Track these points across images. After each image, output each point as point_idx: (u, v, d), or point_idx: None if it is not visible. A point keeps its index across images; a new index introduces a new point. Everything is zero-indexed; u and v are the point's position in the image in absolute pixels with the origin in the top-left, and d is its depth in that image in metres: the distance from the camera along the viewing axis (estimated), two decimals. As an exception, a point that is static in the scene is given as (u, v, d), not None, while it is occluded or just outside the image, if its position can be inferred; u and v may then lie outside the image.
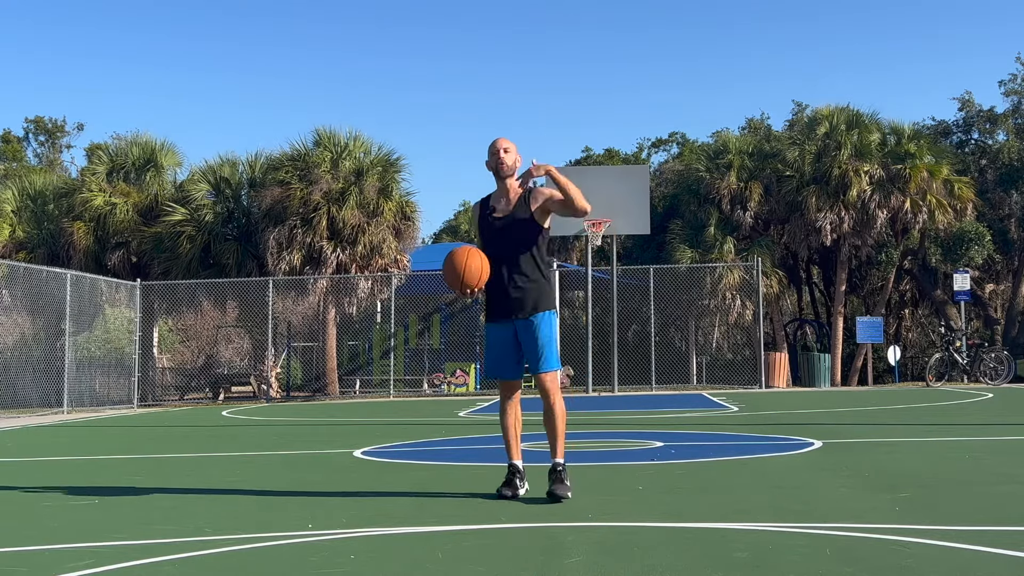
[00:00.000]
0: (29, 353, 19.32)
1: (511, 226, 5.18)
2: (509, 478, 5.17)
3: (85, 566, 3.70)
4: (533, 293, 5.17)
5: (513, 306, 5.16)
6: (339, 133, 21.89)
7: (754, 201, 24.66)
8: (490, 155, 5.29)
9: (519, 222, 5.17)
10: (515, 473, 5.18)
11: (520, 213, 5.19)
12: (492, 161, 5.28)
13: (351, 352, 24.45)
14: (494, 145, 5.28)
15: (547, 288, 5.24)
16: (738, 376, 23.83)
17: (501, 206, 5.25)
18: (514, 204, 5.22)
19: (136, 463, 7.84)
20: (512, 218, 5.19)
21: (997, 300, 32.02)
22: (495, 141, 5.29)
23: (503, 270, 5.17)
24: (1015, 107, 29.40)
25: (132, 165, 23.60)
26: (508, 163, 5.24)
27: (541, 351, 5.14)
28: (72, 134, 44.33)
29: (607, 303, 20.66)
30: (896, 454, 7.02)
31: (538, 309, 5.17)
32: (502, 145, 5.25)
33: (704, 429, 9.74)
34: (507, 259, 5.17)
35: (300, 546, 4.03)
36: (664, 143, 40.31)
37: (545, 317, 5.18)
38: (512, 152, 5.26)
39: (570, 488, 5.02)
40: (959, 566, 3.37)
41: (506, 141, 5.28)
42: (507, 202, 5.24)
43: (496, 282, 5.19)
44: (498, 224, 5.22)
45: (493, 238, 5.22)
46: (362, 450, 8.06)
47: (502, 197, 5.27)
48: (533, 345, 5.16)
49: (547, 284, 5.26)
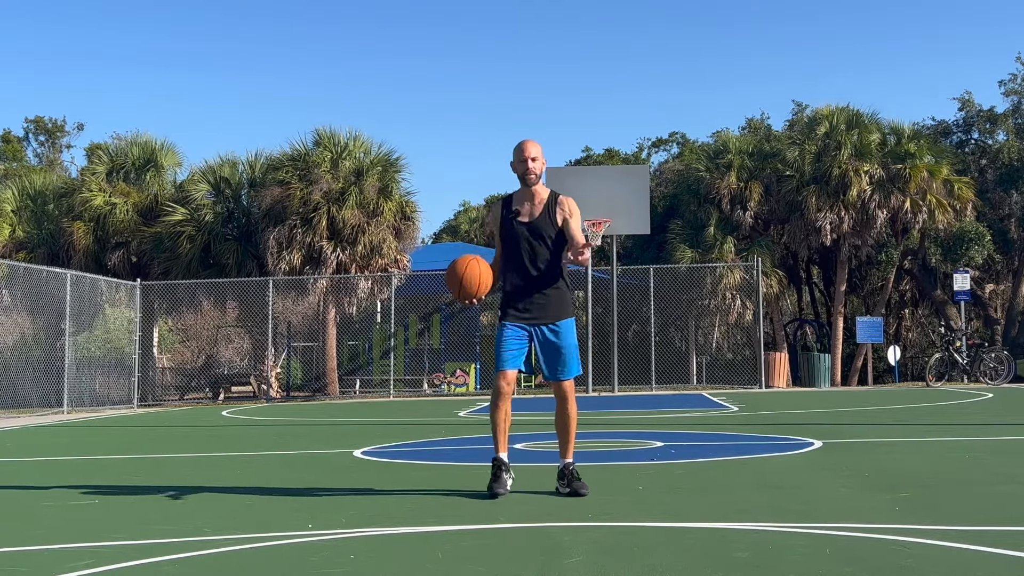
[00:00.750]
0: (29, 353, 19.32)
1: (536, 232, 5.21)
2: (498, 473, 5.22)
3: (85, 566, 3.70)
4: (556, 299, 5.23)
5: (537, 311, 5.21)
6: (339, 133, 21.92)
7: (754, 201, 24.66)
8: (517, 160, 5.29)
9: (545, 231, 5.21)
10: (502, 467, 5.23)
11: (545, 220, 5.22)
12: (519, 167, 5.28)
13: (351, 352, 24.45)
14: (522, 151, 5.27)
15: (569, 295, 5.32)
16: (738, 376, 23.83)
17: (525, 210, 5.28)
18: (540, 211, 5.24)
19: (136, 463, 7.84)
20: (538, 224, 5.22)
21: (997, 300, 32.02)
22: (523, 146, 5.28)
23: (527, 274, 5.21)
24: (1015, 107, 29.40)
25: (132, 165, 23.61)
26: (536, 172, 5.28)
27: (566, 357, 5.21)
28: (72, 134, 44.38)
29: (607, 303, 20.66)
30: (896, 454, 7.02)
31: (561, 316, 5.23)
32: (530, 153, 5.25)
33: (704, 429, 9.74)
34: (531, 264, 5.21)
35: (300, 546, 4.03)
36: (664, 143, 40.33)
37: (569, 324, 5.26)
38: (539, 159, 5.29)
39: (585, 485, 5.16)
40: (959, 566, 3.37)
41: (535, 147, 5.28)
42: (532, 207, 5.27)
43: (518, 287, 5.24)
44: (522, 228, 5.24)
45: (518, 241, 5.25)
46: (362, 450, 8.06)
47: (526, 201, 5.30)
48: (557, 351, 5.20)
49: (569, 291, 5.33)
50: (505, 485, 5.18)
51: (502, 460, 5.25)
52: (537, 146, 5.29)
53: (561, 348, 5.20)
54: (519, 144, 5.31)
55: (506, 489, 5.17)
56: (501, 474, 5.21)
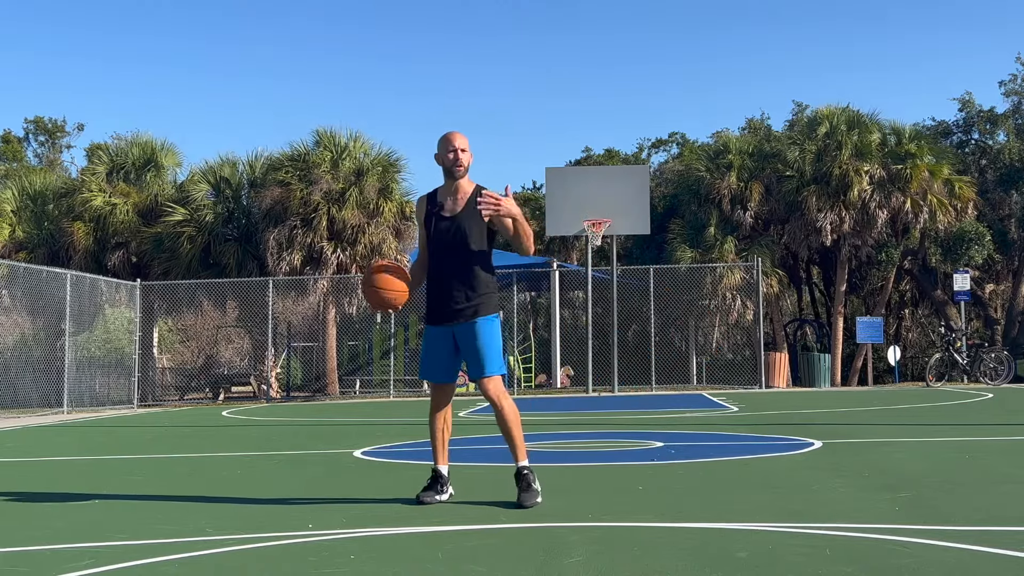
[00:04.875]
0: (29, 353, 19.32)
1: (457, 227, 4.97)
2: (430, 483, 5.07)
3: (85, 566, 3.70)
4: (474, 298, 4.95)
5: (453, 311, 4.96)
6: (339, 133, 21.94)
7: (754, 201, 24.65)
8: (443, 150, 5.00)
9: (466, 224, 4.96)
10: (438, 479, 5.07)
11: (468, 215, 4.96)
12: (447, 158, 4.99)
13: (351, 352, 24.46)
14: (450, 141, 4.99)
15: (490, 292, 5.02)
16: (738, 376, 23.82)
17: (448, 204, 5.03)
18: (462, 205, 5.00)
19: (136, 463, 7.84)
20: (459, 219, 4.98)
21: (997, 300, 32.01)
22: (451, 136, 5.02)
23: (444, 273, 4.99)
24: (1015, 107, 29.40)
25: (132, 165, 23.62)
26: (465, 163, 5.02)
27: (482, 356, 4.94)
28: (72, 134, 44.39)
29: (607, 303, 20.66)
30: (896, 454, 7.02)
31: (479, 314, 4.95)
32: (459, 144, 5.00)
33: (704, 429, 9.74)
34: (450, 261, 4.98)
35: (300, 546, 4.03)
36: (664, 143, 40.31)
37: (486, 322, 4.97)
38: (468, 151, 5.03)
39: (538, 492, 4.87)
40: (959, 566, 3.37)
41: (462, 139, 5.03)
42: (454, 201, 5.02)
43: (437, 284, 5.02)
44: (444, 224, 5.00)
45: (439, 239, 5.02)
46: (362, 450, 8.06)
47: (449, 196, 5.05)
48: (473, 350, 4.95)
49: (490, 288, 5.01)
50: (435, 496, 5.01)
51: (439, 472, 5.07)
52: (465, 138, 5.04)
53: (478, 345, 4.94)
54: (445, 135, 5.03)
55: (434, 500, 4.98)
56: (436, 484, 5.05)
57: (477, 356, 4.95)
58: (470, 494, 5.28)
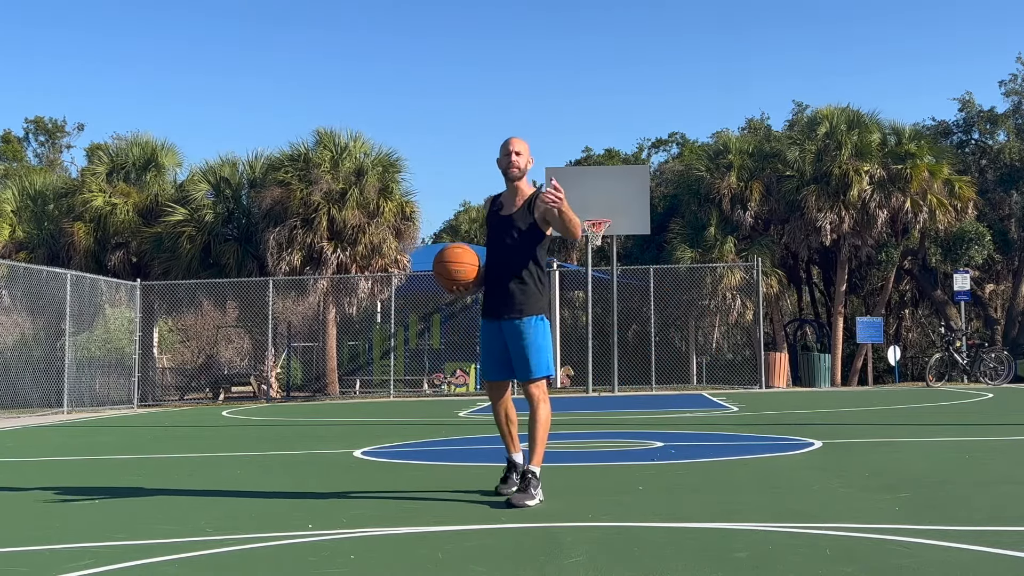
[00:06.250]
0: (29, 353, 19.32)
1: (511, 227, 5.18)
2: (506, 473, 5.25)
3: (84, 566, 3.70)
4: (521, 296, 5.11)
5: (500, 305, 5.15)
6: (339, 133, 21.91)
7: (754, 201, 24.65)
8: (502, 155, 5.26)
9: (519, 224, 5.17)
10: (513, 467, 5.23)
11: (522, 216, 5.18)
12: (503, 162, 5.25)
13: (351, 352, 24.45)
14: (506, 146, 5.25)
15: (538, 293, 5.17)
16: (738, 376, 23.83)
17: (506, 205, 5.27)
18: (518, 206, 5.21)
19: (136, 463, 7.84)
20: (514, 219, 5.19)
21: (997, 300, 32.01)
22: (508, 141, 5.26)
23: (498, 269, 5.19)
24: (1015, 107, 29.39)
25: (132, 165, 23.60)
26: (520, 166, 5.22)
27: (527, 357, 5.06)
28: (72, 134, 44.31)
29: (607, 303, 20.66)
30: (896, 454, 7.02)
31: (525, 313, 5.10)
32: (514, 147, 5.22)
33: (704, 429, 9.74)
34: (503, 259, 5.18)
35: (300, 546, 4.03)
36: (664, 143, 40.30)
37: (532, 322, 5.10)
38: (524, 155, 5.23)
39: (535, 499, 4.89)
40: (959, 566, 3.37)
41: (519, 143, 5.24)
42: (512, 203, 5.25)
43: (489, 279, 5.22)
44: (500, 223, 5.24)
45: (494, 236, 5.26)
46: (362, 450, 8.06)
47: (508, 197, 5.29)
48: (519, 350, 5.10)
49: (539, 289, 5.18)
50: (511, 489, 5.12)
51: (511, 460, 5.25)
52: (523, 143, 5.25)
53: (524, 345, 5.07)
54: (505, 140, 5.29)
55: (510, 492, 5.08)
56: (509, 476, 5.21)
57: (523, 356, 5.09)
58: (470, 494, 5.28)
